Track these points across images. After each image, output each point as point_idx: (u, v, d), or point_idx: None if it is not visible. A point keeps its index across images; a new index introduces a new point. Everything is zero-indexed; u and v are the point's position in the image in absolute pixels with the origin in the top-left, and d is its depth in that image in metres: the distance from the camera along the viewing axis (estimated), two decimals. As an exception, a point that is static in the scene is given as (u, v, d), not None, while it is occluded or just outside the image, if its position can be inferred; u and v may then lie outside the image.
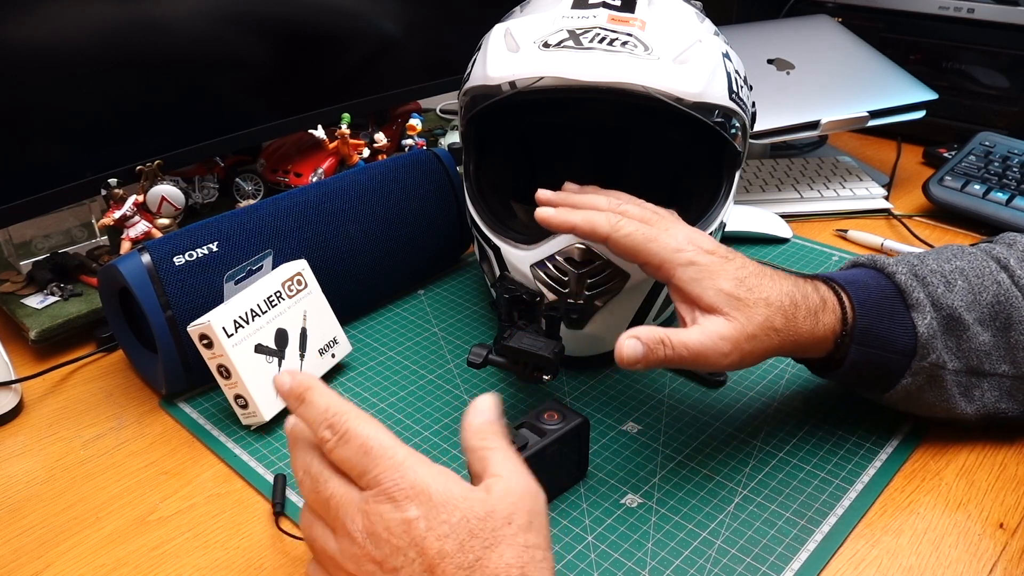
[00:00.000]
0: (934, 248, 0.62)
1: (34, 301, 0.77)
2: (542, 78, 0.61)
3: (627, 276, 0.64)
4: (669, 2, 0.69)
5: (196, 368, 0.64)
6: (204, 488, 0.59)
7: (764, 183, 1.02)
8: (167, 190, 0.81)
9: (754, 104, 0.71)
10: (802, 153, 1.14)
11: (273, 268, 0.69)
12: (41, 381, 0.71)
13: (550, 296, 0.64)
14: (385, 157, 0.98)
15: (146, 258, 0.64)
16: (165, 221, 0.81)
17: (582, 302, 0.64)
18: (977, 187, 0.94)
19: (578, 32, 0.62)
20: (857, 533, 0.54)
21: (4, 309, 0.77)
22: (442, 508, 0.40)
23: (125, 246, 0.77)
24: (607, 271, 0.64)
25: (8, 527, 0.56)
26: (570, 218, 0.58)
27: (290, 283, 0.67)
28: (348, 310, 0.75)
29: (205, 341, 0.61)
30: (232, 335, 0.61)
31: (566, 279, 0.64)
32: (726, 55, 0.65)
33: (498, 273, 0.68)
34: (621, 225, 0.56)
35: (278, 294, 0.66)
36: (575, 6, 0.65)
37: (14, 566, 0.53)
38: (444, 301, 0.82)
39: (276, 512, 0.56)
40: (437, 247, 0.83)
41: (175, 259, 0.64)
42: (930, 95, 0.99)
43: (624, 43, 0.61)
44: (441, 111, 1.30)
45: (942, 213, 0.97)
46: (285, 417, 0.65)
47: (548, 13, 0.65)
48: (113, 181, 0.77)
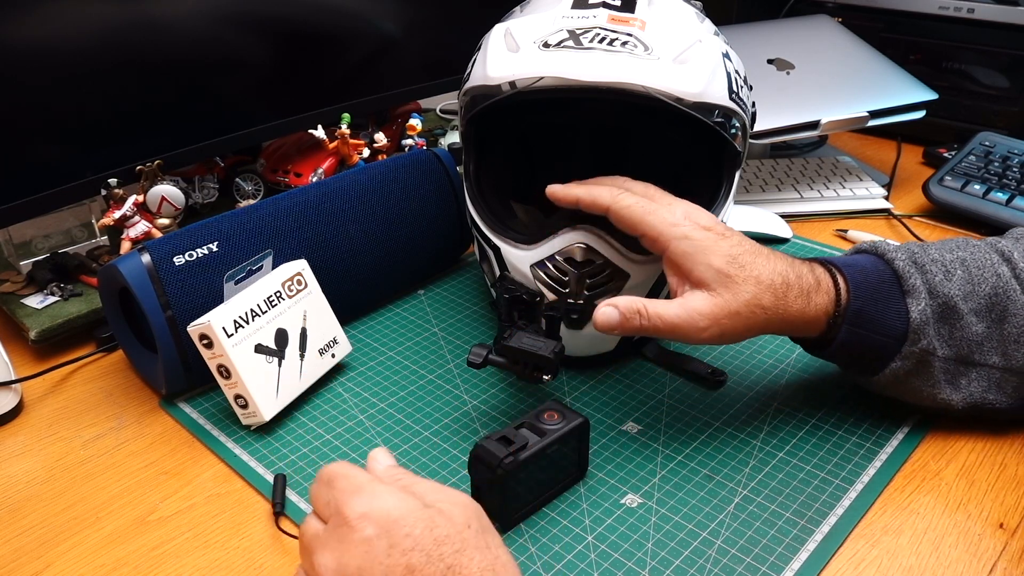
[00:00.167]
0: (942, 239, 0.63)
1: (34, 301, 0.77)
2: (542, 78, 0.61)
3: (627, 276, 0.64)
4: (669, 2, 0.69)
5: (196, 368, 0.64)
6: (204, 488, 0.59)
7: (764, 183, 1.02)
8: (167, 190, 0.81)
9: (754, 104, 0.71)
10: (802, 153, 1.14)
11: (273, 268, 0.69)
12: (41, 381, 0.71)
13: (550, 296, 0.64)
14: (385, 157, 0.98)
15: (146, 258, 0.64)
16: (165, 221, 0.81)
17: (582, 302, 0.64)
18: (977, 187, 0.94)
19: (578, 32, 0.62)
20: (857, 533, 0.54)
21: (4, 309, 0.77)
22: (403, 522, 0.40)
23: (125, 246, 0.77)
24: (607, 271, 0.64)
25: (8, 527, 0.56)
26: (575, 191, 0.62)
27: (290, 283, 0.67)
28: (348, 310, 0.75)
29: (205, 341, 0.61)
30: (232, 335, 0.61)
31: (566, 279, 0.64)
32: (726, 55, 0.65)
33: (498, 273, 0.68)
34: (622, 197, 0.59)
35: (278, 294, 0.66)
36: (575, 6, 0.65)
37: (14, 566, 0.53)
38: (444, 301, 0.82)
39: (276, 512, 0.56)
40: (437, 247, 0.83)
41: (175, 259, 0.64)
42: (930, 95, 1.00)
43: (624, 43, 0.61)
44: (441, 111, 1.30)
45: (942, 213, 0.97)
46: (285, 417, 0.65)
47: (548, 13, 0.65)
48: (113, 181, 0.77)
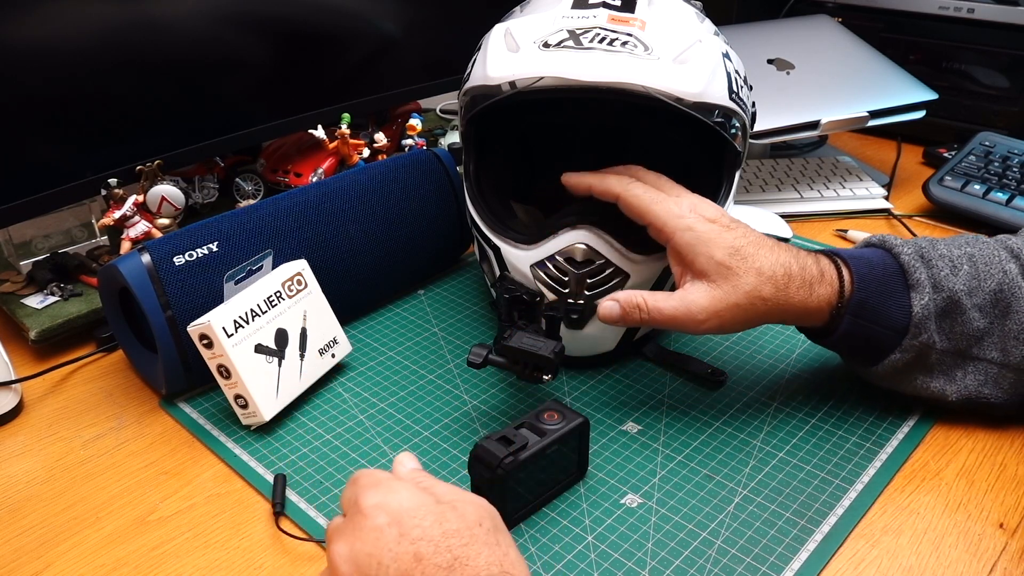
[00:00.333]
0: (954, 236, 0.63)
1: (34, 301, 0.77)
2: (542, 78, 0.61)
3: (627, 276, 0.64)
4: (669, 2, 0.69)
5: (196, 368, 0.64)
6: (204, 488, 0.59)
7: (764, 183, 1.02)
8: (167, 190, 0.81)
9: (754, 104, 0.71)
10: (802, 153, 1.14)
11: (273, 268, 0.69)
12: (41, 381, 0.71)
13: (550, 296, 0.64)
14: (385, 157, 0.98)
15: (146, 258, 0.64)
16: (165, 221, 0.81)
17: (582, 302, 0.64)
18: (977, 187, 0.94)
19: (578, 32, 0.62)
20: (857, 533, 0.54)
21: (4, 309, 0.77)
22: (414, 513, 0.42)
23: (125, 246, 0.77)
24: (607, 271, 0.64)
25: (8, 527, 0.56)
26: (587, 178, 0.64)
27: (290, 283, 0.67)
28: (348, 310, 0.75)
29: (205, 341, 0.61)
30: (232, 335, 0.61)
31: (566, 279, 0.64)
32: (726, 55, 0.65)
33: (498, 273, 0.68)
34: (632, 186, 0.61)
35: (278, 294, 0.66)
36: (575, 6, 0.65)
37: (14, 566, 0.53)
38: (444, 301, 0.82)
39: (276, 512, 0.56)
40: (437, 247, 0.83)
41: (175, 259, 0.64)
42: (930, 95, 0.99)
43: (624, 43, 0.61)
44: (441, 111, 1.30)
45: (942, 213, 0.97)
46: (285, 417, 0.65)
47: (548, 13, 0.65)
48: (113, 181, 0.77)
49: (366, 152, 0.99)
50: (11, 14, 0.70)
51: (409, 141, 1.05)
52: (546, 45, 0.62)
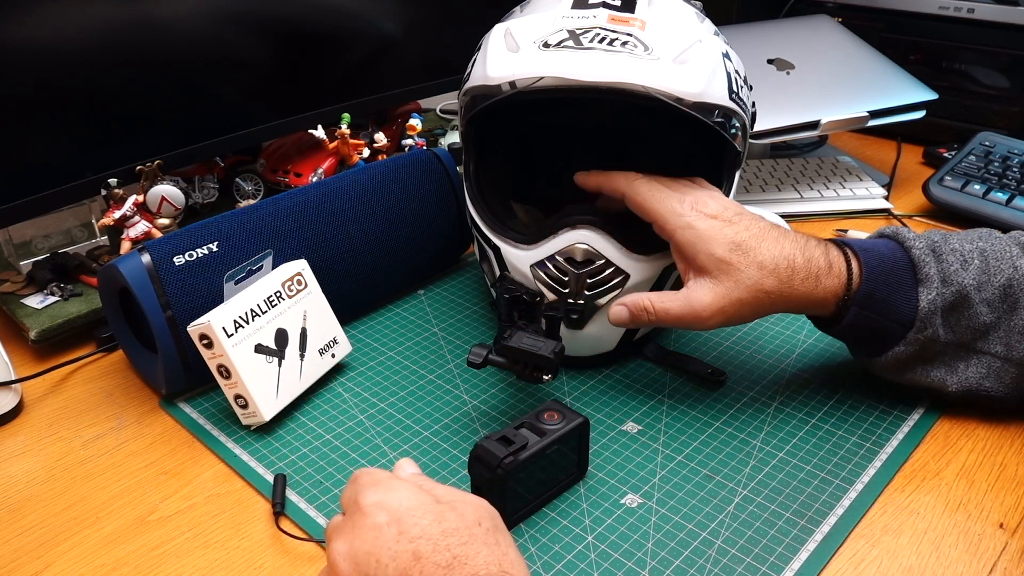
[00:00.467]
0: (967, 230, 0.63)
1: (34, 301, 0.77)
2: (542, 78, 0.61)
3: (627, 276, 0.64)
4: (669, 2, 0.69)
5: (196, 368, 0.64)
6: (204, 488, 0.59)
7: (764, 183, 1.02)
8: (167, 190, 0.81)
9: (754, 104, 0.71)
10: (802, 153, 1.14)
11: (273, 268, 0.69)
12: (41, 381, 0.71)
13: (550, 296, 0.64)
14: (385, 157, 0.98)
15: (146, 258, 0.64)
16: (165, 221, 0.81)
17: (582, 302, 0.64)
18: (977, 187, 0.94)
19: (578, 32, 0.62)
20: (857, 533, 0.54)
21: (4, 309, 0.77)
22: (413, 512, 0.42)
23: (125, 246, 0.77)
24: (607, 271, 0.64)
25: (8, 527, 0.56)
26: (596, 176, 0.66)
27: (290, 283, 0.67)
28: (348, 310, 0.75)
29: (205, 341, 0.61)
30: (232, 335, 0.61)
31: (566, 279, 0.64)
32: (726, 55, 0.65)
33: (498, 273, 0.68)
34: (636, 183, 0.63)
35: (278, 294, 0.66)
36: (575, 6, 0.65)
37: (14, 566, 0.53)
38: (444, 301, 0.82)
39: (276, 512, 0.56)
40: (437, 247, 0.83)
41: (175, 259, 0.64)
42: (930, 95, 0.99)
43: (624, 43, 0.61)
44: (441, 111, 1.30)
45: (942, 213, 0.97)
46: (285, 417, 0.65)
47: (548, 13, 0.65)
48: (113, 181, 0.77)
49: (366, 152, 0.99)
50: (11, 14, 0.70)
51: (409, 141, 1.05)
52: (546, 45, 0.62)
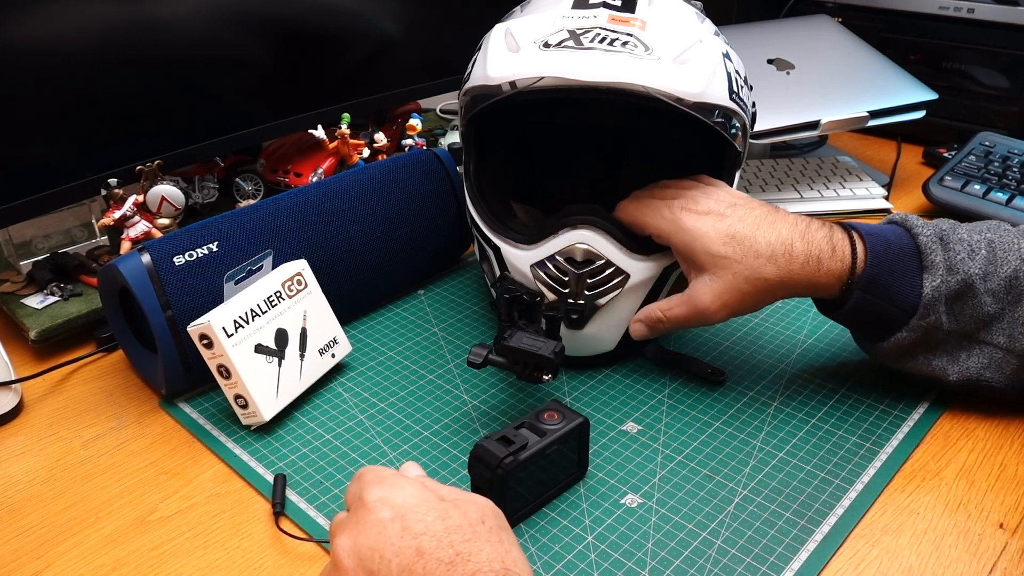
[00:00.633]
0: (975, 222, 0.63)
1: (34, 301, 0.77)
2: (542, 78, 0.61)
3: (627, 276, 0.64)
4: (669, 2, 0.69)
5: (196, 368, 0.64)
6: (204, 488, 0.59)
7: (764, 183, 1.02)
8: (167, 190, 0.81)
9: (754, 104, 0.71)
10: (802, 153, 1.14)
11: (273, 268, 0.69)
12: (41, 381, 0.71)
13: (550, 296, 0.64)
14: (385, 157, 0.98)
15: (146, 258, 0.64)
16: (165, 221, 0.81)
17: (582, 302, 0.64)
18: (977, 187, 0.94)
19: (578, 32, 0.62)
20: (857, 533, 0.54)
21: (4, 309, 0.77)
22: (417, 509, 0.42)
23: (125, 246, 0.77)
24: (607, 271, 0.64)
25: (8, 527, 0.56)
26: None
27: (290, 283, 0.67)
28: (348, 310, 0.75)
29: (205, 341, 0.61)
30: (232, 335, 0.61)
31: (566, 279, 0.64)
32: (726, 55, 0.65)
33: (498, 273, 0.68)
34: (623, 205, 0.65)
35: (278, 294, 0.66)
36: (575, 6, 0.65)
37: (14, 566, 0.53)
38: (444, 301, 0.82)
39: (276, 512, 0.56)
40: (437, 247, 0.83)
41: (175, 259, 0.64)
42: (930, 95, 0.99)
43: (624, 43, 0.61)
44: (441, 111, 1.30)
45: (942, 213, 0.96)
46: (285, 417, 0.65)
47: (548, 13, 0.65)
48: (113, 181, 0.77)
49: (366, 152, 0.99)
50: (11, 14, 0.70)
51: (409, 141, 1.05)
52: (546, 45, 0.62)
